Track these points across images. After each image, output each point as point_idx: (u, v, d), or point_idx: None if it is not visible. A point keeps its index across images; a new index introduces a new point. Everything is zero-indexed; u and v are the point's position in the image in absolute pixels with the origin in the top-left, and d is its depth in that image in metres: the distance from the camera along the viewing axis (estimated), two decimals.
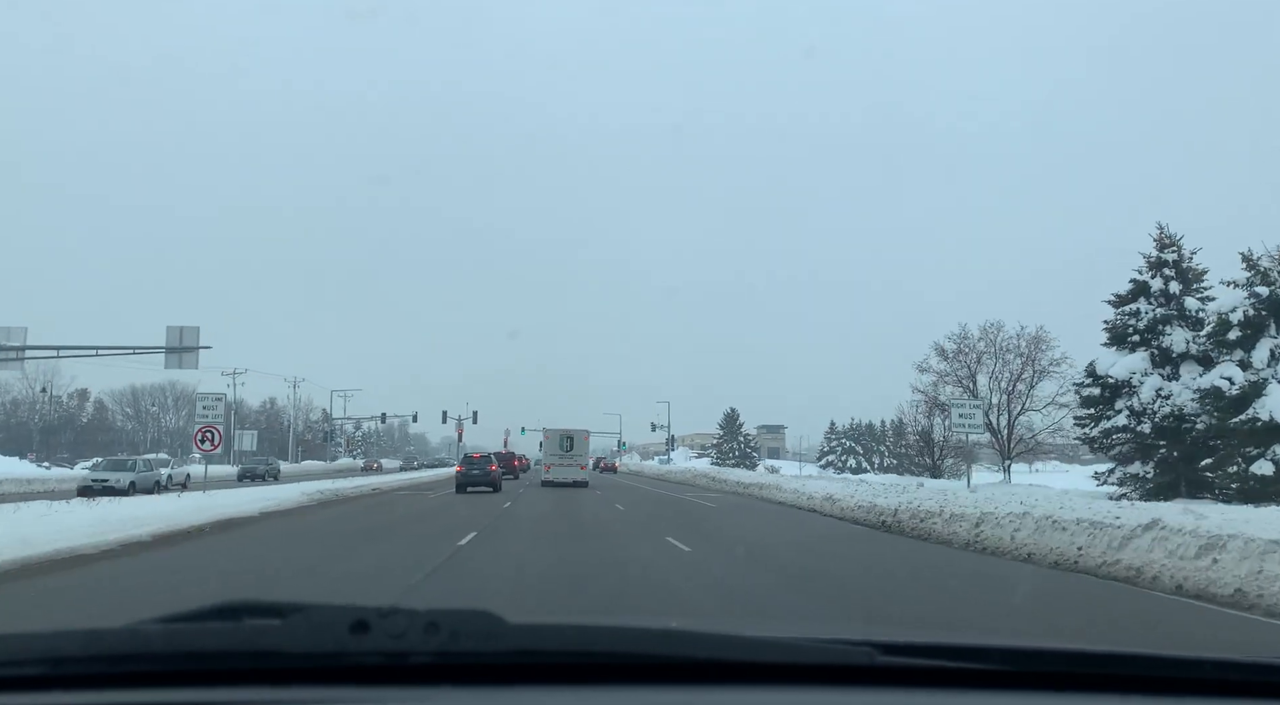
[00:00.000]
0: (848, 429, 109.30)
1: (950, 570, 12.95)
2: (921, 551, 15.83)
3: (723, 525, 21.52)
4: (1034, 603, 10.06)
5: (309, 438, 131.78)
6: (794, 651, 1.69)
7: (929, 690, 1.60)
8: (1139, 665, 1.68)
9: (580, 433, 49.37)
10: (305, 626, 1.44)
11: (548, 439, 49.17)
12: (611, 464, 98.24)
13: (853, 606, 9.46)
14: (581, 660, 1.55)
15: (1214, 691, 1.62)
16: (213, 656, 1.45)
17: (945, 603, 9.90)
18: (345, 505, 27.75)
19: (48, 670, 1.42)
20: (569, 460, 47.74)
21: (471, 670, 1.49)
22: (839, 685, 1.59)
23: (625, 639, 1.62)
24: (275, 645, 1.44)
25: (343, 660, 1.43)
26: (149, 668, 1.45)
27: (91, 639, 1.46)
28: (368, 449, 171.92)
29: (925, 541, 17.46)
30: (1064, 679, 1.64)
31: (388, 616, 1.42)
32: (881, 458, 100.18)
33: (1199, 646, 2.59)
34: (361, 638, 1.40)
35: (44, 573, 11.30)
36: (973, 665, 1.65)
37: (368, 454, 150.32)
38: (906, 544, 17.20)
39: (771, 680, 1.57)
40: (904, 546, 16.66)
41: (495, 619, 1.49)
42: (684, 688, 1.54)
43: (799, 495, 30.29)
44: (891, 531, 19.55)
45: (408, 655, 1.43)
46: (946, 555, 15.17)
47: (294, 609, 1.48)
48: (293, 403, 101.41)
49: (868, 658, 1.59)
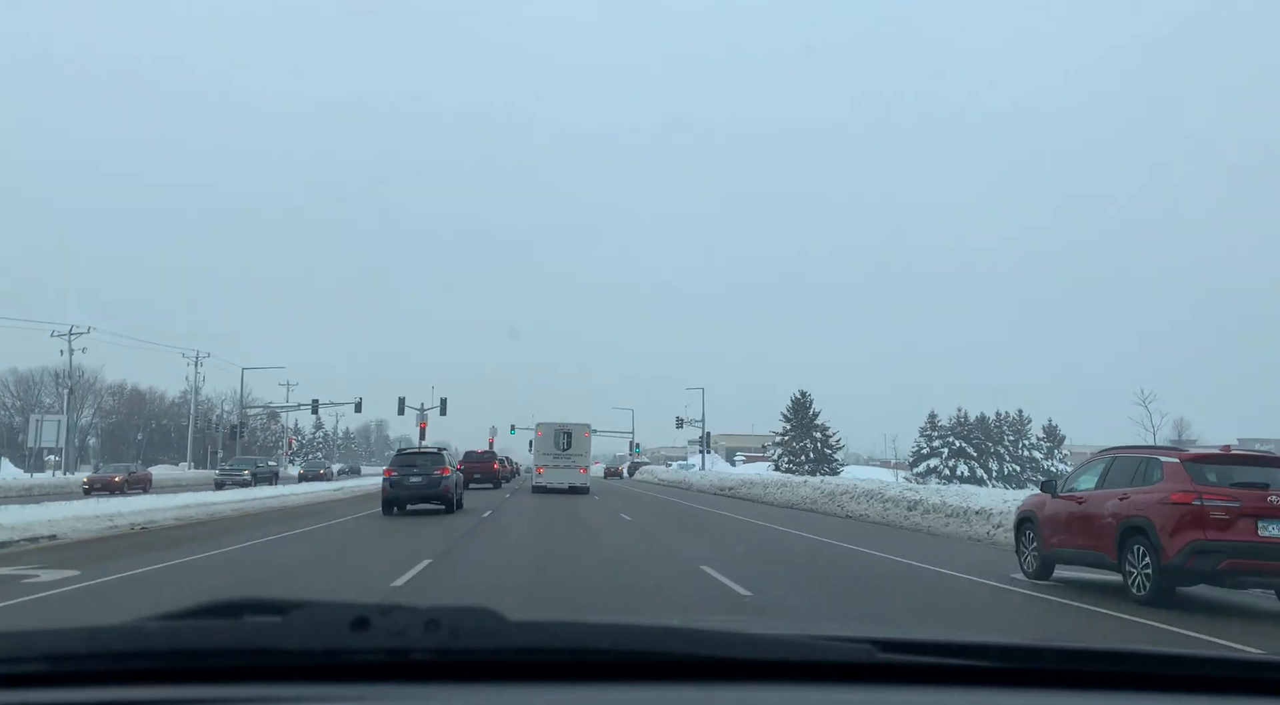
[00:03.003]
0: (954, 424, 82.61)
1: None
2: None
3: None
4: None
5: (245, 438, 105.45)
6: (794, 649, 1.70)
7: (929, 687, 1.60)
8: (1138, 662, 1.71)
9: (580, 427, 41.86)
10: (306, 623, 1.44)
11: (540, 435, 41.96)
12: (618, 468, 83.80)
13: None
14: (582, 658, 1.53)
15: (1212, 688, 1.63)
16: (213, 654, 1.45)
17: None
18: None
19: (48, 667, 1.41)
20: (566, 461, 40.64)
21: (472, 667, 1.48)
22: (839, 683, 1.58)
23: (626, 637, 1.62)
24: (276, 642, 1.43)
25: (343, 657, 1.43)
26: (150, 665, 1.43)
27: (92, 636, 1.46)
28: (329, 452, 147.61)
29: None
30: (1063, 676, 1.66)
31: (388, 613, 1.41)
32: (1000, 461, 74.65)
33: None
34: (362, 635, 1.40)
35: None
36: (971, 663, 1.65)
37: (329, 457, 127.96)
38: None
39: (772, 678, 1.57)
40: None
41: (496, 616, 1.48)
42: (685, 685, 1.53)
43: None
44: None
45: (408, 652, 1.42)
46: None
47: (294, 606, 1.47)
48: (193, 386, 75.18)
49: (867, 655, 1.60)
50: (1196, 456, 11.10)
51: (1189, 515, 10.14)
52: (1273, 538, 9.89)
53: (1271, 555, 9.87)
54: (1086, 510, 11.77)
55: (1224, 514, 10.01)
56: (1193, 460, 10.87)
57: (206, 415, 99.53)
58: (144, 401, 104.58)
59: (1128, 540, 10.82)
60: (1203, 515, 10.07)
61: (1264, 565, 9.92)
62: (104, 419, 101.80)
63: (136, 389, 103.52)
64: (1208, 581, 10.37)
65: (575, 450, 40.83)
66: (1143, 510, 10.66)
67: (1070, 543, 12.07)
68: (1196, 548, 9.97)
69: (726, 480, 46.93)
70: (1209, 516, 10.04)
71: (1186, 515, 10.14)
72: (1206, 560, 9.94)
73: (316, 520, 23.07)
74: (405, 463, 26.45)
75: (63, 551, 15.40)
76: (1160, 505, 10.45)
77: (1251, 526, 9.95)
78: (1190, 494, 10.18)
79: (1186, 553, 10.00)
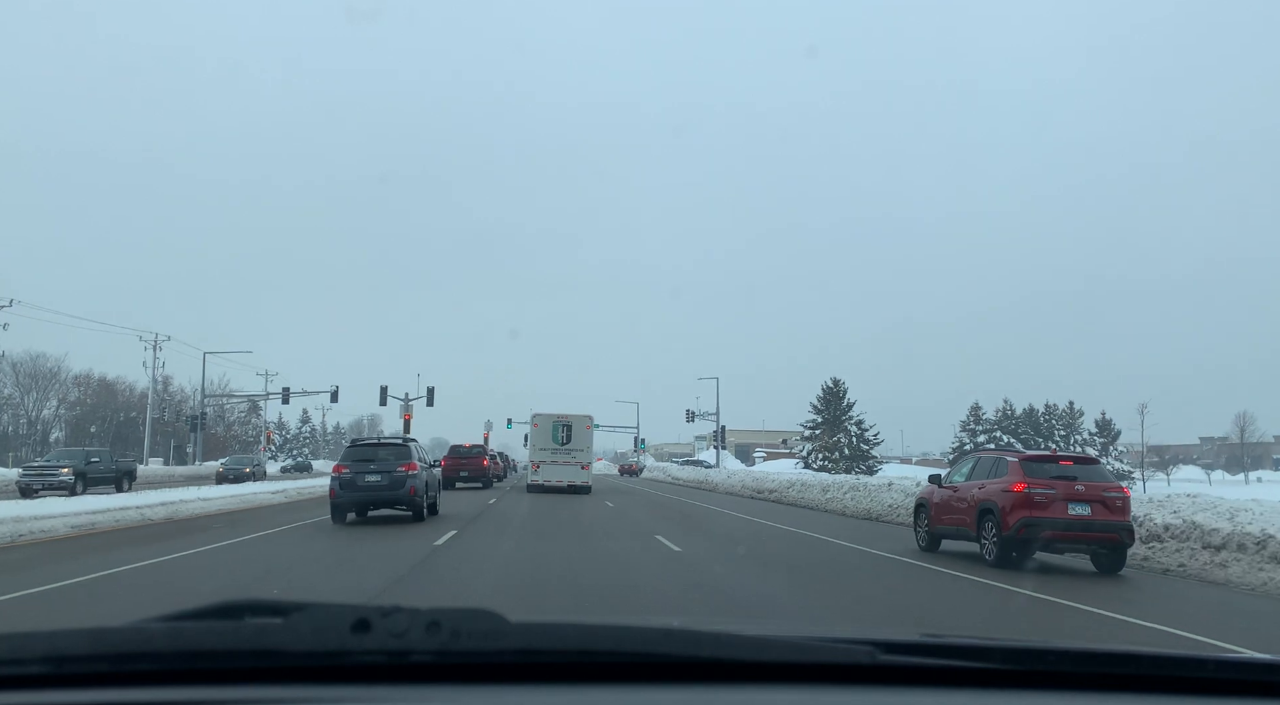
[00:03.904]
0: (1000, 417, 74.75)
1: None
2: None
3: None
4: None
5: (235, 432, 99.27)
6: (796, 650, 1.69)
7: (931, 689, 1.60)
8: (1142, 664, 1.70)
9: (581, 419, 37.00)
10: (307, 625, 1.43)
11: (536, 428, 36.81)
12: (632, 465, 79.76)
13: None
14: (583, 659, 1.53)
15: (1216, 690, 1.63)
16: (215, 655, 1.44)
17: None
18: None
19: (50, 669, 1.41)
20: (566, 457, 35.83)
21: (473, 669, 1.49)
22: (841, 685, 1.58)
23: (627, 638, 1.61)
24: (277, 644, 1.43)
25: (344, 659, 1.43)
26: (151, 666, 1.43)
27: (94, 637, 1.45)
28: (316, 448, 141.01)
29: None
30: (1066, 678, 1.66)
31: (389, 615, 1.41)
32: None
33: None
34: (363, 636, 1.40)
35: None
36: (975, 664, 1.66)
37: (316, 454, 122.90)
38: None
39: (773, 679, 1.57)
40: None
41: (497, 618, 1.48)
42: (686, 687, 1.53)
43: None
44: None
45: (409, 654, 1.42)
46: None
47: (296, 608, 1.48)
48: (152, 373, 67.45)
49: (870, 657, 1.60)
50: (1029, 457, 14.64)
51: (1022, 500, 13.50)
52: (1079, 515, 13.41)
53: (1078, 528, 13.40)
54: (958, 497, 15.27)
55: (1045, 499, 13.43)
56: (1026, 460, 14.40)
57: (178, 407, 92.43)
58: (113, 392, 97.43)
59: (982, 518, 14.27)
60: (1031, 499, 13.44)
61: (1072, 535, 13.49)
62: (69, 410, 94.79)
63: (104, 379, 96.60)
64: (1036, 548, 13.68)
65: (576, 445, 36.30)
66: (992, 496, 14.09)
67: (948, 522, 15.58)
68: (1026, 522, 13.36)
69: (763, 481, 39.51)
70: (1035, 500, 13.42)
71: (1020, 500, 13.52)
72: (1033, 532, 13.33)
73: (188, 543, 15.74)
74: (360, 456, 20.73)
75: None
76: (1003, 492, 13.85)
77: (1064, 507, 13.41)
78: (1023, 484, 13.62)
79: (1019, 526, 13.39)
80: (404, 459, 20.31)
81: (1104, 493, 13.38)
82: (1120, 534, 13.18)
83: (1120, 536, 13.19)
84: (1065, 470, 13.82)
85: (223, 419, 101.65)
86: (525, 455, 42.98)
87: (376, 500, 19.98)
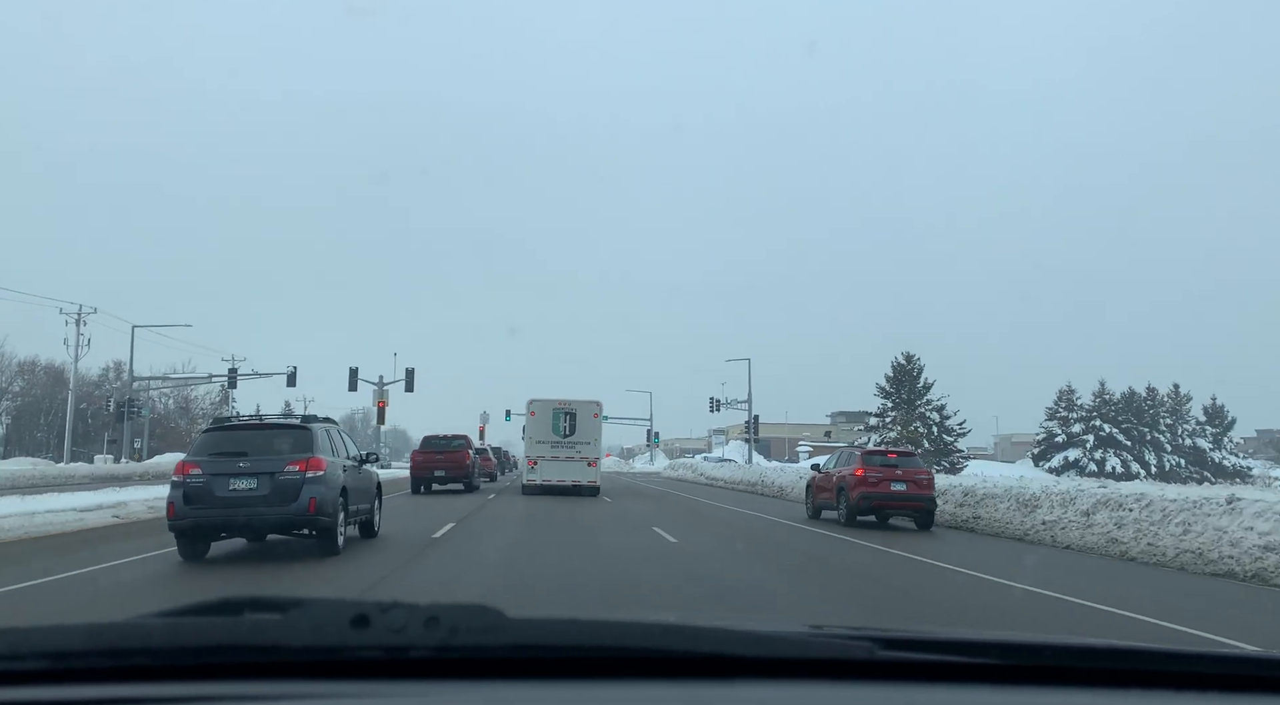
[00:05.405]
0: (1097, 403, 63.95)
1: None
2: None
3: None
4: None
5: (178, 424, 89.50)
6: (794, 646, 1.69)
7: (929, 685, 1.60)
8: (1137, 659, 1.71)
9: (587, 406, 30.45)
10: (306, 621, 1.43)
11: (533, 416, 30.21)
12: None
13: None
14: (582, 655, 1.53)
15: (1212, 686, 1.63)
16: (214, 650, 1.43)
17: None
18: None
19: (49, 664, 1.39)
20: (569, 451, 29.73)
21: (472, 664, 1.48)
22: (839, 680, 1.57)
23: (626, 634, 1.61)
24: (276, 639, 1.42)
25: (343, 654, 1.42)
26: (150, 662, 1.42)
27: (93, 633, 1.44)
28: None
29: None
30: (1062, 673, 1.66)
31: (388, 611, 1.41)
32: (1159, 451, 57.34)
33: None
34: (362, 632, 1.39)
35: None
36: (972, 660, 1.65)
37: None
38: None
39: (772, 675, 1.56)
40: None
41: (496, 613, 1.48)
42: (685, 682, 1.53)
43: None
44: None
45: (408, 649, 1.42)
46: None
47: (294, 604, 1.47)
48: (74, 351, 56.90)
49: (868, 652, 1.59)
50: (868, 451, 22.66)
51: (861, 480, 20.13)
52: (899, 491, 19.94)
53: (899, 499, 20.02)
54: (829, 480, 22.12)
55: (876, 479, 19.97)
56: (866, 453, 21.94)
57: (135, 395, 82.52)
58: (63, 382, 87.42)
59: (839, 494, 20.94)
60: (866, 480, 20.05)
61: (894, 504, 20.09)
62: (12, 401, 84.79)
63: (52, 366, 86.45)
64: (871, 513, 20.28)
65: (581, 436, 30.09)
66: (844, 479, 20.85)
67: (823, 497, 22.45)
68: (863, 496, 19.97)
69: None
70: (869, 481, 20.01)
71: (860, 480, 20.13)
72: (867, 502, 19.99)
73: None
74: (225, 447, 13.01)
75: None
76: (851, 475, 20.57)
77: (889, 485, 19.97)
78: (862, 470, 20.29)
79: (858, 498, 20.01)
80: (300, 450, 12.61)
81: (916, 475, 20.19)
82: (925, 503, 19.99)
83: (925, 504, 19.99)
84: (890, 461, 20.72)
85: (187, 411, 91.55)
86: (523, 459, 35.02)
87: (250, 520, 12.33)
